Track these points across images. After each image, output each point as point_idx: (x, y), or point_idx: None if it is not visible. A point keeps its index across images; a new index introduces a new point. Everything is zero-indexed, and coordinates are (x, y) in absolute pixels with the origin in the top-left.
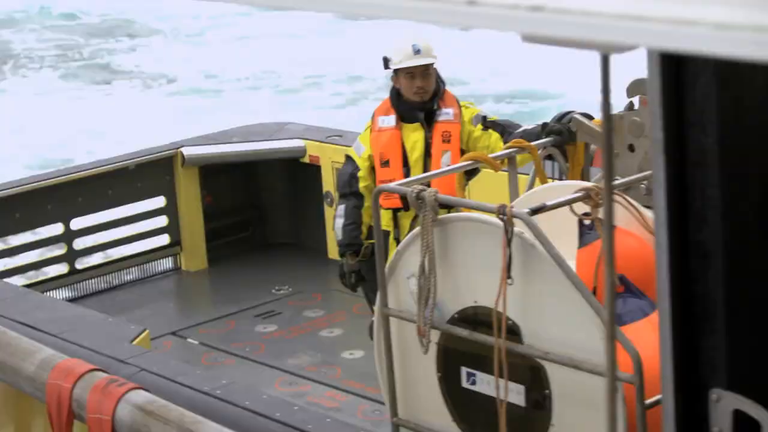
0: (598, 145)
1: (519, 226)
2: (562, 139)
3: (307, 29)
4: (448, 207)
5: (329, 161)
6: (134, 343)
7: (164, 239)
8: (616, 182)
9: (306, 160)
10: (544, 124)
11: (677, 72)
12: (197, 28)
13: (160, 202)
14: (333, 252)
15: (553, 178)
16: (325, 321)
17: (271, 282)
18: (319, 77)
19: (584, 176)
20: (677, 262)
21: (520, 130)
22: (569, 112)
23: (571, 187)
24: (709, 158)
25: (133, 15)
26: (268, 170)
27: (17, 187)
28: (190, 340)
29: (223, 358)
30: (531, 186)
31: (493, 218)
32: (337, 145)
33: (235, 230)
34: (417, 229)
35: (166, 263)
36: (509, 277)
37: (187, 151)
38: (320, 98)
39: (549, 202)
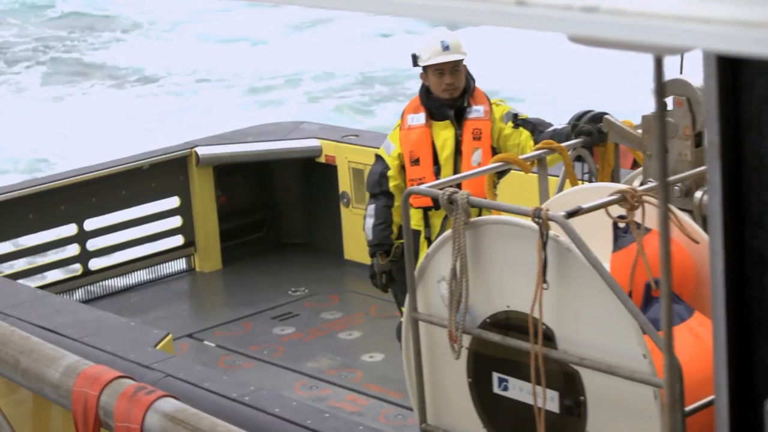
0: (629, 146)
1: (553, 229)
2: (592, 140)
3: (278, 26)
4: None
5: (345, 161)
6: (158, 347)
7: (178, 240)
8: (650, 185)
9: (322, 159)
10: (574, 125)
11: (734, 74)
12: (172, 24)
13: (174, 202)
14: (349, 252)
15: (582, 180)
16: (344, 323)
17: (286, 283)
18: (293, 75)
19: (614, 177)
20: (733, 268)
21: (550, 129)
22: (588, 112)
23: (604, 189)
24: (766, 162)
25: (113, 8)
26: (283, 170)
27: (30, 187)
28: (206, 342)
29: (241, 361)
30: (561, 187)
31: (528, 221)
32: (353, 144)
33: (249, 230)
34: (448, 232)
35: (180, 264)
36: (545, 281)
37: (201, 150)
38: (294, 96)
39: (584, 205)
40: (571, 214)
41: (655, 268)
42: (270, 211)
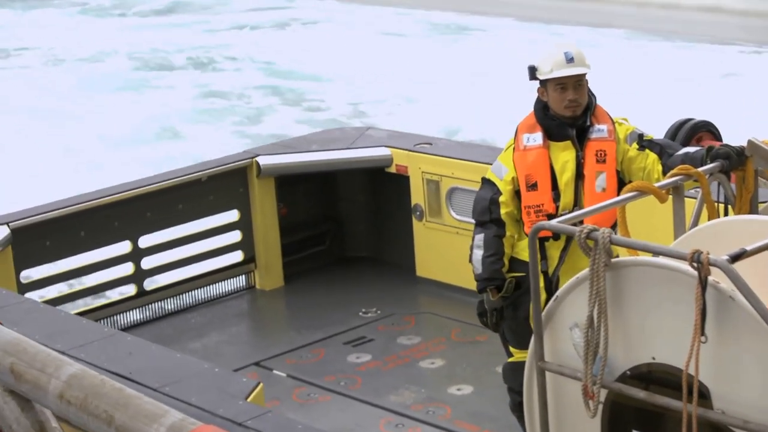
0: None
1: (712, 274)
2: (731, 163)
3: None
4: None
5: (419, 171)
6: (249, 400)
7: (237, 256)
8: None
9: (392, 169)
10: (709, 148)
11: None
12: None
13: (233, 215)
14: (423, 269)
15: (717, 203)
16: (424, 349)
17: (355, 302)
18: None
19: (752, 205)
20: None
21: (682, 152)
22: (688, 120)
23: (755, 222)
24: None
25: None
26: (348, 180)
27: (82, 203)
28: (276, 372)
29: (317, 394)
30: (697, 218)
31: (680, 263)
32: (427, 154)
33: (310, 244)
34: (583, 272)
35: (239, 282)
36: (702, 333)
37: (263, 160)
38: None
39: (748, 247)
40: (735, 258)
41: None
42: (333, 224)
